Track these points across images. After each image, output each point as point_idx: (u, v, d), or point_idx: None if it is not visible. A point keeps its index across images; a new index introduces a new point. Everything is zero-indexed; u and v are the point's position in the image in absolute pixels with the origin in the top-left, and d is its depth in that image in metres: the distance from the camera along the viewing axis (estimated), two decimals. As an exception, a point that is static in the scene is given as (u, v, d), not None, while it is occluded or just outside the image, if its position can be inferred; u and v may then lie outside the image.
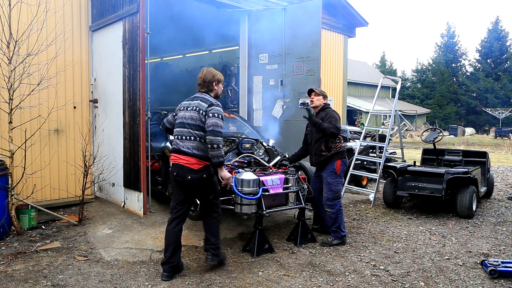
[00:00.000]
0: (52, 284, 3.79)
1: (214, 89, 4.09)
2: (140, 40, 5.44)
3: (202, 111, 3.84)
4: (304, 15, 6.98)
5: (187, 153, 3.84)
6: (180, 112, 4.04)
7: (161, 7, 7.95)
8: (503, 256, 4.64)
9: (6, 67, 5.06)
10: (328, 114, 5.01)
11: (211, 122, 3.78)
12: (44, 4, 5.59)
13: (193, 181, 3.84)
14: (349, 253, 4.70)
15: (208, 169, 3.90)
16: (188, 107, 3.97)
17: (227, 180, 4.02)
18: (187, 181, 3.85)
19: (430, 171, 6.49)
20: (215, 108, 3.84)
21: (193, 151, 3.83)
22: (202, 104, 3.89)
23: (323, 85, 9.40)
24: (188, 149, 3.84)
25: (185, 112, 3.97)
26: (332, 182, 4.94)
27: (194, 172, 3.83)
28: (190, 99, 4.08)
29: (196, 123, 3.85)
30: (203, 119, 3.82)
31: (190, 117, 3.90)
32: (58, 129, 6.25)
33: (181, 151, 3.87)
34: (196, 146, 3.84)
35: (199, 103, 3.91)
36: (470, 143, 22.52)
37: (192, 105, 3.95)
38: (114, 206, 6.17)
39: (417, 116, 35.70)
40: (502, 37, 40.81)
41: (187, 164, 3.83)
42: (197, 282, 3.87)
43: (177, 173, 3.89)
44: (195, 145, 3.84)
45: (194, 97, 4.05)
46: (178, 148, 3.90)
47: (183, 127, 3.93)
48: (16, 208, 5.18)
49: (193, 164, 3.83)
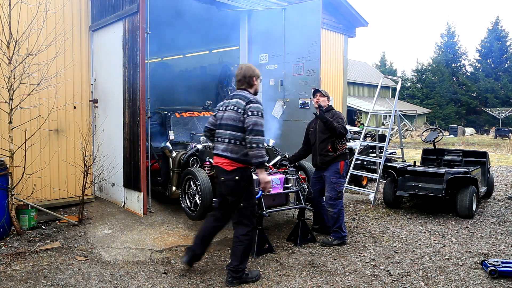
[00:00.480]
0: (52, 284, 3.79)
1: (255, 84, 3.93)
2: (140, 40, 5.44)
3: (241, 110, 3.70)
4: (304, 15, 6.98)
5: (221, 155, 3.78)
6: (219, 112, 3.93)
7: (161, 7, 7.95)
8: (503, 256, 4.64)
9: (6, 67, 5.06)
10: (335, 115, 5.04)
11: (250, 121, 3.62)
12: (44, 4, 5.59)
13: (225, 182, 3.75)
14: (349, 253, 4.70)
15: (241, 172, 3.73)
16: (227, 107, 3.84)
17: (265, 183, 3.79)
18: (221, 182, 3.80)
19: (430, 171, 6.49)
20: (253, 106, 3.67)
21: (226, 153, 3.74)
22: (240, 102, 3.74)
23: (323, 85, 9.39)
24: (221, 151, 3.78)
25: (223, 112, 3.86)
26: (336, 181, 4.95)
27: (226, 173, 3.73)
28: (229, 97, 3.95)
29: (233, 123, 3.73)
30: (242, 118, 3.68)
31: (228, 117, 3.78)
32: (58, 129, 6.25)
33: (217, 154, 3.83)
34: (229, 148, 3.73)
35: (237, 101, 3.77)
36: (470, 143, 22.52)
37: (230, 104, 3.81)
38: (114, 206, 6.17)
39: (417, 116, 35.70)
40: (502, 37, 40.80)
41: (221, 165, 3.77)
42: (197, 282, 3.87)
43: (216, 174, 3.91)
44: (228, 147, 3.74)
45: (232, 95, 3.93)
46: (215, 151, 3.87)
47: (220, 128, 3.85)
48: (16, 208, 5.19)
49: (226, 165, 3.74)
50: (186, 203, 5.05)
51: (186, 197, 5.06)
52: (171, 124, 6.30)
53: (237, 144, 3.70)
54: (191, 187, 4.95)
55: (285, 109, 7.31)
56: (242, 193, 3.76)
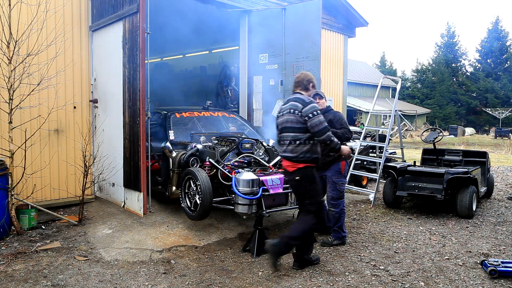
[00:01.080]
0: (52, 284, 3.79)
1: (310, 89, 4.22)
2: (140, 40, 5.44)
3: (298, 112, 3.93)
4: (304, 15, 6.98)
5: (284, 157, 4.08)
6: (278, 118, 4.22)
7: (161, 7, 7.96)
8: (503, 256, 4.64)
9: (6, 67, 5.06)
10: (336, 117, 5.03)
11: (313, 123, 3.86)
12: (44, 4, 5.59)
13: (289, 182, 4.13)
14: (349, 253, 4.70)
15: (302, 172, 3.94)
16: (284, 112, 4.12)
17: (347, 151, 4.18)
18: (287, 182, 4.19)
19: (430, 171, 6.49)
20: (310, 107, 3.91)
21: (287, 154, 4.01)
22: (296, 104, 3.98)
23: (323, 85, 9.39)
24: (283, 152, 4.08)
25: (281, 117, 4.14)
26: (338, 181, 4.95)
27: (289, 174, 4.04)
28: (284, 103, 4.24)
29: (291, 125, 3.98)
30: (300, 119, 3.92)
31: (286, 120, 4.05)
32: (58, 129, 6.24)
33: (282, 156, 4.14)
34: (289, 149, 3.99)
35: (292, 104, 4.02)
36: (470, 143, 22.51)
37: (286, 108, 4.09)
38: (114, 206, 6.17)
39: (417, 116, 35.69)
40: (502, 37, 40.77)
41: (285, 167, 4.08)
42: (197, 282, 3.87)
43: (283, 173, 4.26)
44: (289, 148, 4.00)
45: (287, 100, 4.20)
46: (281, 154, 4.18)
47: (282, 132, 4.13)
48: (16, 208, 5.18)
49: (288, 166, 4.01)
50: (186, 203, 5.05)
51: (186, 197, 5.06)
52: (171, 124, 6.30)
53: (297, 144, 3.94)
54: (191, 187, 4.95)
55: (285, 109, 7.31)
56: (306, 191, 3.99)
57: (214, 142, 5.84)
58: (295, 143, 3.94)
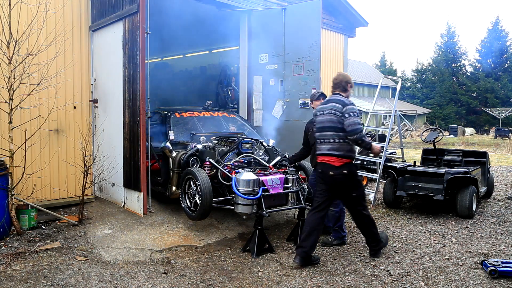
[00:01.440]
0: (52, 284, 3.79)
1: (348, 90, 4.44)
2: (140, 40, 5.44)
3: (339, 112, 4.19)
4: (304, 15, 6.98)
5: (328, 154, 4.26)
6: (318, 117, 4.41)
7: (161, 7, 7.96)
8: (503, 256, 4.64)
9: (6, 67, 5.06)
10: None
11: (349, 122, 4.13)
12: (44, 4, 5.58)
13: (334, 176, 4.22)
14: (349, 253, 4.70)
15: (348, 167, 4.23)
16: (325, 111, 4.32)
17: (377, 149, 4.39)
18: (329, 177, 4.24)
19: (430, 171, 6.49)
20: (349, 108, 4.18)
21: (333, 152, 4.23)
22: (336, 105, 4.23)
23: (323, 85, 9.38)
24: (328, 150, 4.26)
25: (322, 116, 4.35)
26: None
27: (335, 168, 4.21)
28: (324, 103, 4.44)
29: (334, 125, 4.22)
30: (341, 120, 4.17)
31: (328, 120, 4.27)
32: (58, 129, 6.24)
33: (323, 153, 4.30)
34: (335, 147, 4.22)
35: (333, 105, 4.25)
36: (470, 143, 22.51)
37: (328, 109, 4.30)
38: (114, 206, 6.17)
39: (417, 116, 35.70)
40: (502, 37, 40.77)
41: (329, 162, 4.24)
42: (197, 282, 3.87)
43: (322, 170, 4.33)
44: (334, 147, 4.22)
45: (327, 100, 4.42)
46: (320, 152, 4.34)
47: (322, 131, 4.34)
48: (16, 208, 5.18)
49: (335, 161, 4.22)
50: (186, 203, 5.05)
51: (186, 197, 5.06)
52: (171, 124, 6.30)
53: (341, 142, 4.21)
54: (191, 187, 4.95)
55: (285, 109, 7.31)
56: (352, 184, 4.29)
57: (214, 142, 5.84)
58: (339, 142, 4.20)
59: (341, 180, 4.24)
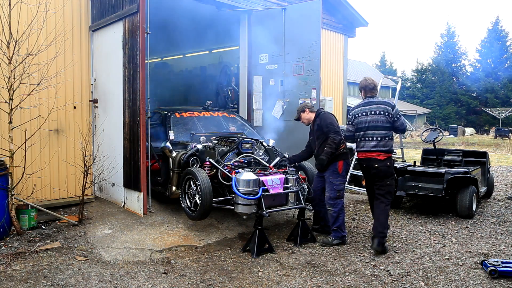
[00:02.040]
0: (52, 284, 3.79)
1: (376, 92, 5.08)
2: (140, 40, 5.44)
3: (389, 113, 4.74)
4: (304, 15, 6.98)
5: (373, 150, 4.73)
6: (361, 117, 4.83)
7: (161, 7, 7.95)
8: (503, 256, 4.64)
9: (6, 67, 5.06)
10: (322, 120, 5.05)
11: (400, 122, 4.80)
12: (44, 4, 5.58)
13: (379, 167, 4.72)
14: (349, 253, 4.70)
15: (390, 159, 4.79)
16: (372, 112, 4.78)
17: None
18: (374, 168, 4.74)
19: (430, 171, 6.49)
20: (397, 109, 4.82)
21: (379, 148, 4.72)
22: (387, 108, 4.76)
23: (323, 85, 9.40)
24: (374, 147, 4.73)
25: (367, 117, 4.79)
26: (334, 181, 4.95)
27: (380, 161, 4.73)
28: (366, 104, 4.86)
29: (383, 124, 4.74)
30: (389, 120, 4.73)
31: (377, 120, 4.75)
32: (58, 129, 6.24)
33: (368, 150, 4.76)
34: (381, 143, 4.72)
35: (382, 107, 4.77)
36: (470, 143, 22.51)
37: (373, 110, 4.78)
38: (114, 206, 6.17)
39: (417, 116, 35.71)
40: (502, 37, 40.78)
41: (375, 157, 4.73)
42: (197, 282, 3.87)
43: (366, 165, 4.84)
44: (380, 143, 4.72)
45: (369, 102, 4.85)
46: (365, 149, 4.78)
47: (368, 130, 4.77)
48: (16, 208, 5.19)
49: (380, 156, 4.72)
50: (186, 203, 5.05)
51: (186, 197, 5.06)
52: (171, 124, 6.30)
53: (387, 139, 4.75)
54: (191, 187, 4.95)
55: (285, 109, 7.31)
56: (391, 173, 4.83)
57: (214, 142, 5.84)
58: (385, 139, 4.73)
59: (383, 170, 4.73)
